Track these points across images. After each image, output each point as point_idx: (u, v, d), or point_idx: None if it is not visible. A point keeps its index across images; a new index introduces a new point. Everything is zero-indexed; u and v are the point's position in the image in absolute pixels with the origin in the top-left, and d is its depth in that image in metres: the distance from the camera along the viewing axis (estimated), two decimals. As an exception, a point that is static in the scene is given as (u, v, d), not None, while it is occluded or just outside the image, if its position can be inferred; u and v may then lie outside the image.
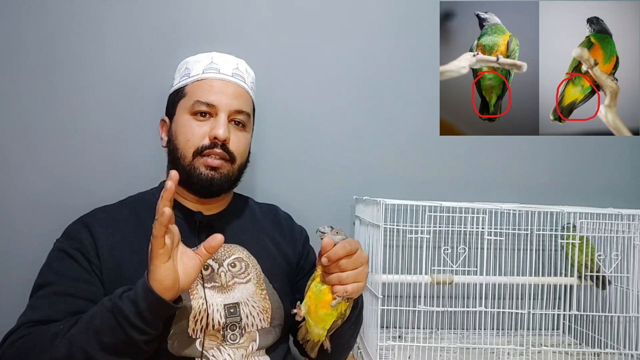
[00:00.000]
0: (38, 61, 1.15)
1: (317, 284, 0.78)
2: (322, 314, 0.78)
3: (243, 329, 0.87)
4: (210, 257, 0.77)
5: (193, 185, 0.91)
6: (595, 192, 1.33)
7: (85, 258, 0.85)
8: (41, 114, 1.15)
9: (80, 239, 0.87)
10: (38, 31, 1.15)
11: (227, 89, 0.93)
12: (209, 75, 0.94)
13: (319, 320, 0.79)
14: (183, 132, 0.92)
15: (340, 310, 0.78)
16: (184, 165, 0.91)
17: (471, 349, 1.09)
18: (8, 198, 1.14)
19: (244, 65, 1.00)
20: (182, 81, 0.96)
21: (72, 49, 1.16)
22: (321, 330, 0.80)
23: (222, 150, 0.91)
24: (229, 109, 0.92)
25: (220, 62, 0.96)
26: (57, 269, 0.84)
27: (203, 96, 0.91)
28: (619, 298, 1.13)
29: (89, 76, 1.17)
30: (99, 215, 0.92)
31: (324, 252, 0.75)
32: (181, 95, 0.95)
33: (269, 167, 1.24)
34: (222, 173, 0.91)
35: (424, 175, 1.29)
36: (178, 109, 0.95)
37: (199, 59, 0.97)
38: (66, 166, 1.16)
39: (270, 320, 0.90)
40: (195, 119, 0.92)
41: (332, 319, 0.79)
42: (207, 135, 0.91)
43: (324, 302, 0.77)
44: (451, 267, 1.06)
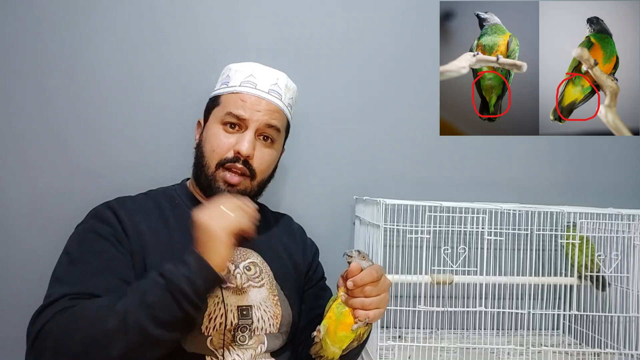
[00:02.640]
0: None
1: (338, 305, 0.80)
2: (341, 335, 0.80)
3: (253, 332, 0.88)
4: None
5: (211, 195, 0.92)
6: (595, 192, 1.33)
7: (116, 239, 0.85)
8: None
9: (108, 221, 0.87)
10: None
11: (259, 105, 0.94)
12: (244, 90, 0.95)
13: (336, 341, 0.80)
14: (210, 141, 0.94)
15: (359, 333, 0.80)
16: (207, 174, 0.93)
17: (471, 349, 1.09)
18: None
19: (284, 80, 1.00)
20: (221, 89, 0.98)
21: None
22: (337, 350, 0.82)
23: (244, 166, 0.92)
24: (258, 125, 0.93)
25: (259, 76, 0.97)
26: (90, 247, 0.84)
27: (234, 109, 0.93)
28: (619, 298, 1.13)
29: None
30: (126, 203, 0.92)
31: (351, 276, 0.77)
32: (216, 103, 0.97)
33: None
34: (239, 190, 0.92)
35: (424, 175, 1.29)
36: (212, 116, 0.97)
37: (240, 69, 0.98)
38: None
39: (279, 327, 0.91)
40: (225, 130, 0.93)
41: (349, 341, 0.81)
42: (232, 148, 0.92)
43: (345, 324, 0.78)
44: (451, 267, 1.06)
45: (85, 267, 0.81)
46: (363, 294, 0.77)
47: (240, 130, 0.94)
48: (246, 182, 0.93)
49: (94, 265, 0.81)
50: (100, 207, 0.91)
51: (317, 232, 1.14)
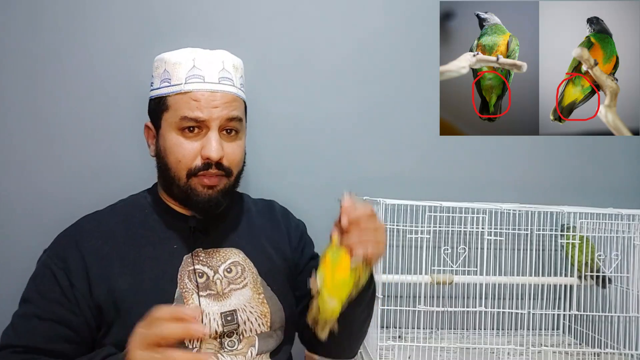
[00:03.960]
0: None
1: (333, 251, 0.75)
2: (339, 280, 0.74)
3: (241, 335, 0.85)
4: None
5: (191, 204, 0.88)
6: (595, 192, 1.33)
7: (68, 281, 0.82)
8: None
9: (65, 258, 0.83)
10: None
11: (215, 100, 0.85)
12: (193, 87, 0.85)
13: (334, 290, 0.74)
14: (173, 151, 0.86)
15: (358, 276, 0.75)
16: (180, 186, 0.87)
17: (471, 349, 1.09)
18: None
19: (229, 60, 0.90)
20: (163, 88, 0.88)
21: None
22: (336, 303, 0.75)
23: (218, 169, 0.86)
24: (219, 122, 0.85)
25: (204, 66, 0.87)
26: (40, 288, 0.82)
27: (189, 112, 0.84)
28: (619, 298, 1.13)
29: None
30: (87, 226, 0.89)
31: (345, 212, 0.73)
32: (164, 107, 0.87)
33: (268, 167, 1.24)
34: (219, 189, 0.87)
35: (424, 175, 1.29)
36: (163, 122, 0.88)
37: (178, 60, 0.87)
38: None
39: (271, 324, 0.88)
40: (184, 136, 0.85)
41: (349, 288, 0.75)
42: (199, 154, 0.85)
43: (342, 266, 0.73)
44: (451, 267, 1.06)
45: (32, 311, 0.80)
46: (359, 228, 0.72)
47: (201, 132, 0.86)
48: (224, 181, 0.88)
49: (39, 311, 0.80)
50: (61, 237, 0.88)
51: (317, 232, 1.14)
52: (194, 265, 0.87)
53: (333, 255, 0.75)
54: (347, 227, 0.72)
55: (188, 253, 0.87)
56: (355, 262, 0.73)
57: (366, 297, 0.83)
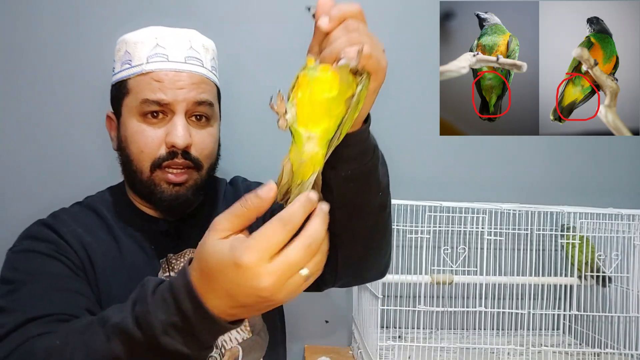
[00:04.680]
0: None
1: (308, 69, 0.50)
2: (323, 99, 0.48)
3: (222, 349, 0.77)
4: None
5: (156, 202, 0.78)
6: (595, 192, 1.33)
7: (61, 254, 0.71)
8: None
9: (46, 238, 0.73)
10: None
11: (180, 80, 0.75)
12: (156, 67, 0.74)
13: (316, 117, 0.49)
14: (134, 140, 0.75)
15: (351, 94, 0.49)
16: (143, 180, 0.76)
17: (471, 349, 1.09)
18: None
19: (198, 40, 0.79)
20: (124, 70, 0.77)
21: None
22: (316, 145, 0.49)
23: (185, 159, 0.75)
24: (185, 105, 0.75)
25: (169, 44, 0.76)
26: (30, 269, 0.69)
27: (151, 94, 0.74)
28: (619, 298, 1.13)
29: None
30: (62, 216, 0.78)
31: (322, 12, 0.51)
32: (124, 91, 0.77)
33: (267, 167, 1.23)
34: (188, 186, 0.77)
35: (424, 175, 1.29)
36: (124, 108, 0.78)
37: (140, 39, 0.77)
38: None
39: (252, 329, 0.80)
40: (147, 123, 0.75)
41: (338, 110, 0.49)
42: (163, 142, 0.75)
43: (325, 83, 0.48)
44: (451, 267, 1.06)
45: (33, 289, 0.66)
46: (347, 30, 0.50)
47: (166, 117, 0.75)
48: (194, 175, 0.77)
49: (42, 285, 0.66)
50: (32, 226, 0.77)
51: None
52: (169, 272, 0.78)
53: (309, 73, 0.50)
54: (328, 29, 0.50)
55: (161, 258, 0.79)
56: (344, 67, 0.48)
57: (370, 154, 0.62)
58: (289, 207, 0.44)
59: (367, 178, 0.62)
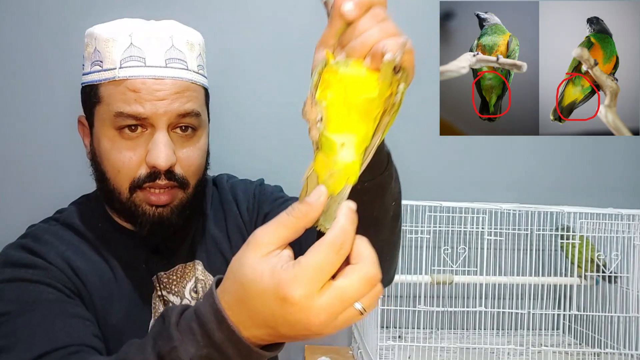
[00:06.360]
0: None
1: (338, 65, 0.43)
2: (361, 100, 0.42)
3: None
4: None
5: (137, 224, 0.69)
6: (595, 192, 1.33)
7: (51, 279, 0.62)
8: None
9: (34, 264, 0.63)
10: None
11: (161, 90, 0.64)
12: (131, 73, 0.64)
13: (352, 121, 0.42)
14: (109, 157, 0.66)
15: (389, 90, 0.43)
16: (122, 201, 0.67)
17: (471, 349, 1.09)
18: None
19: (181, 35, 0.67)
20: (94, 73, 0.66)
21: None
22: (353, 152, 0.42)
23: (168, 180, 0.66)
24: (167, 119, 0.65)
25: (146, 43, 0.64)
26: (27, 298, 0.59)
27: (125, 107, 0.63)
28: (619, 298, 1.13)
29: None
30: (44, 237, 0.68)
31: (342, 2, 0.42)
32: (95, 99, 0.66)
33: (267, 168, 1.23)
34: (172, 207, 0.68)
35: (424, 175, 1.29)
36: (96, 118, 0.67)
37: (111, 35, 0.65)
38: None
39: None
40: (123, 137, 0.65)
41: (377, 112, 0.42)
42: (143, 160, 0.65)
43: (363, 81, 0.42)
44: (451, 267, 1.06)
45: (31, 318, 0.57)
46: (377, 19, 0.44)
47: (146, 131, 0.65)
48: (179, 195, 0.68)
49: (40, 314, 0.57)
50: (10, 251, 0.66)
51: (317, 232, 1.14)
52: (161, 290, 0.72)
53: (341, 69, 0.42)
54: (353, 16, 0.42)
55: (149, 277, 0.72)
56: (389, 63, 0.42)
57: (385, 164, 0.55)
58: (335, 224, 0.39)
59: (383, 189, 0.56)
